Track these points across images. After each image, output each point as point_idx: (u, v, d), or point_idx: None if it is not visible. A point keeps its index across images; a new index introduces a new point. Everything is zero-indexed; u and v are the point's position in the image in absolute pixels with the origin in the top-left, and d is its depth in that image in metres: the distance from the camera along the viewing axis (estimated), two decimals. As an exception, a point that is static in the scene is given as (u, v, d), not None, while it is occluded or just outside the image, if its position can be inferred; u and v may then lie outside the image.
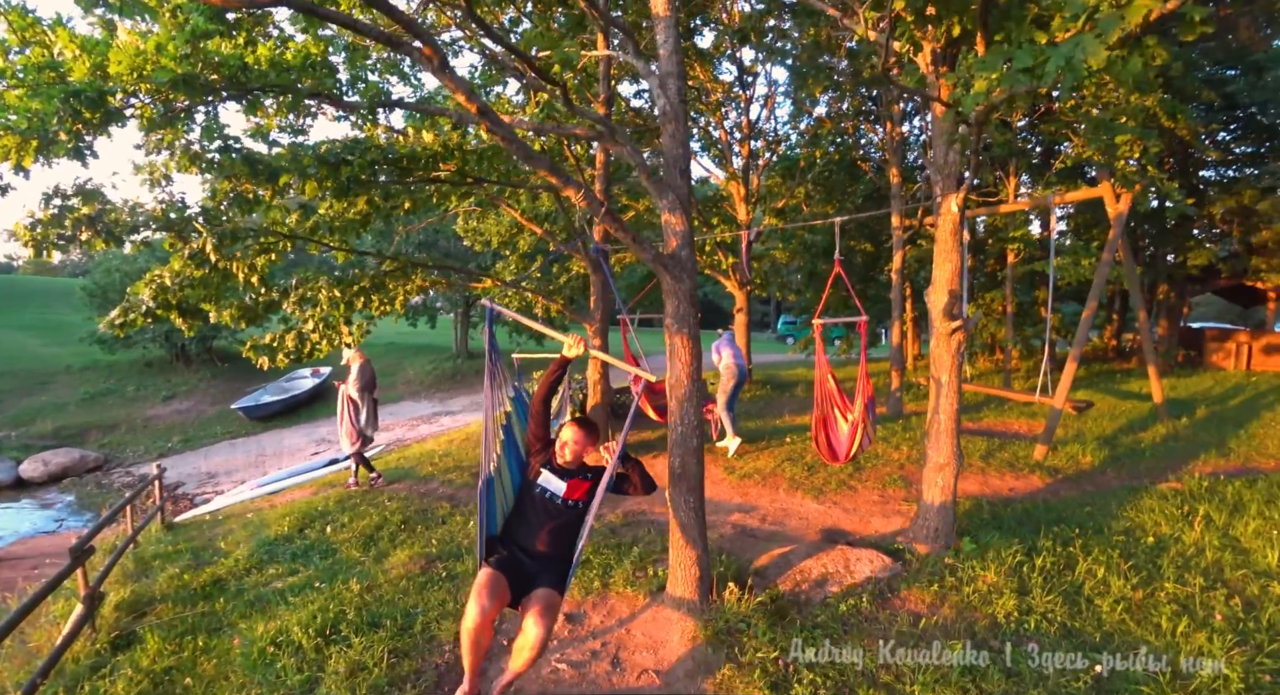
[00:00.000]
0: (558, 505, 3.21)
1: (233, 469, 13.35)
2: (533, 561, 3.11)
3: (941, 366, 4.90)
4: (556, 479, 3.25)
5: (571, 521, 3.22)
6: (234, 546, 5.89)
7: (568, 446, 3.29)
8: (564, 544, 3.18)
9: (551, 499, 3.22)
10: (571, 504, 3.23)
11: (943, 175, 4.87)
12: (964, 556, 4.66)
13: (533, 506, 3.23)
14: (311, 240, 6.53)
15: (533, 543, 3.15)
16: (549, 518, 3.18)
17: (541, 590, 2.97)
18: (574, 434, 3.30)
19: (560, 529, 3.18)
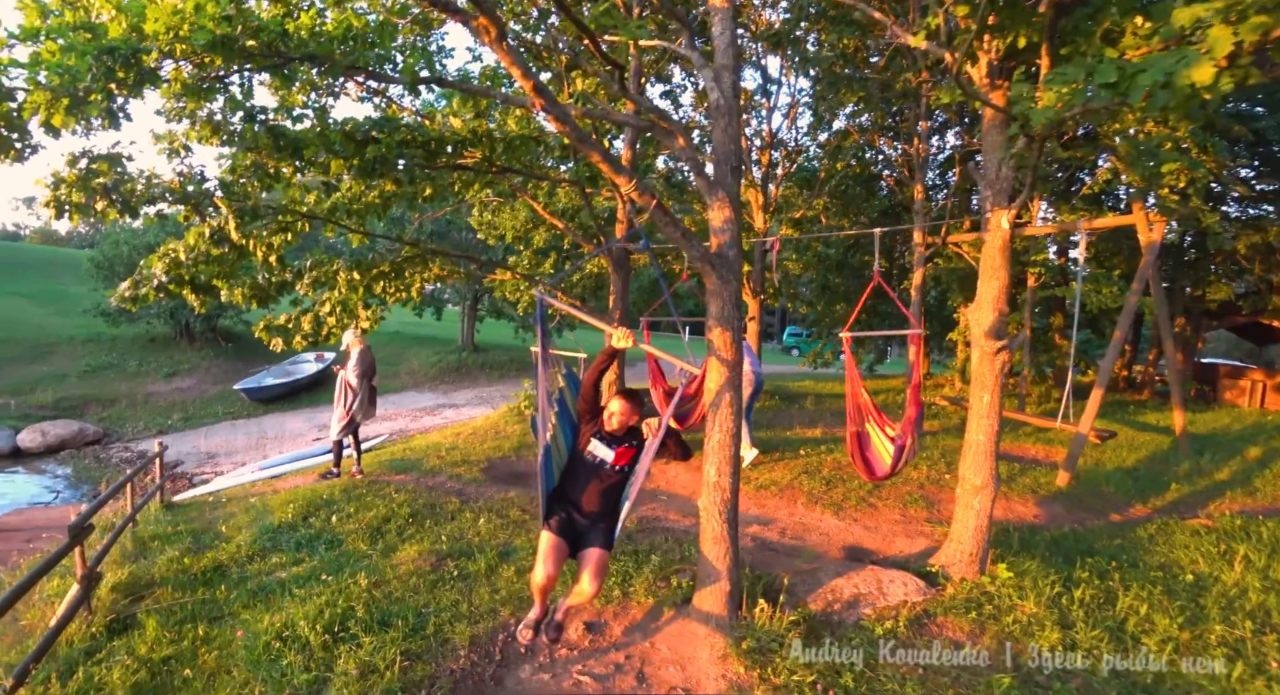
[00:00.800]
0: (607, 469, 3.59)
1: (233, 450, 13.11)
2: (585, 520, 3.57)
3: (983, 387, 4.70)
4: (605, 447, 3.59)
5: (619, 483, 3.62)
6: (235, 531, 5.67)
7: (615, 416, 3.58)
8: (613, 502, 3.62)
9: (601, 464, 3.59)
10: (619, 469, 3.60)
11: (993, 191, 4.68)
12: (1000, 584, 4.47)
13: (585, 470, 3.61)
14: (330, 221, 6.33)
15: (586, 502, 3.57)
16: (599, 481, 3.58)
17: (593, 550, 3.45)
18: (620, 405, 3.59)
19: (609, 490, 3.60)
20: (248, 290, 6.51)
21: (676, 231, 3.40)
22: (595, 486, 3.58)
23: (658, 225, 3.38)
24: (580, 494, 3.60)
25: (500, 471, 7.87)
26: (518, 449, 8.91)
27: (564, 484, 3.69)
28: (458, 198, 8.18)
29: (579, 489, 3.61)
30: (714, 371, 3.81)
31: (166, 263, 5.32)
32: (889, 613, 4.14)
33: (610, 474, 3.60)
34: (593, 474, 3.59)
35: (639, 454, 3.62)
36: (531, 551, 5.14)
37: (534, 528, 5.78)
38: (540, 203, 7.84)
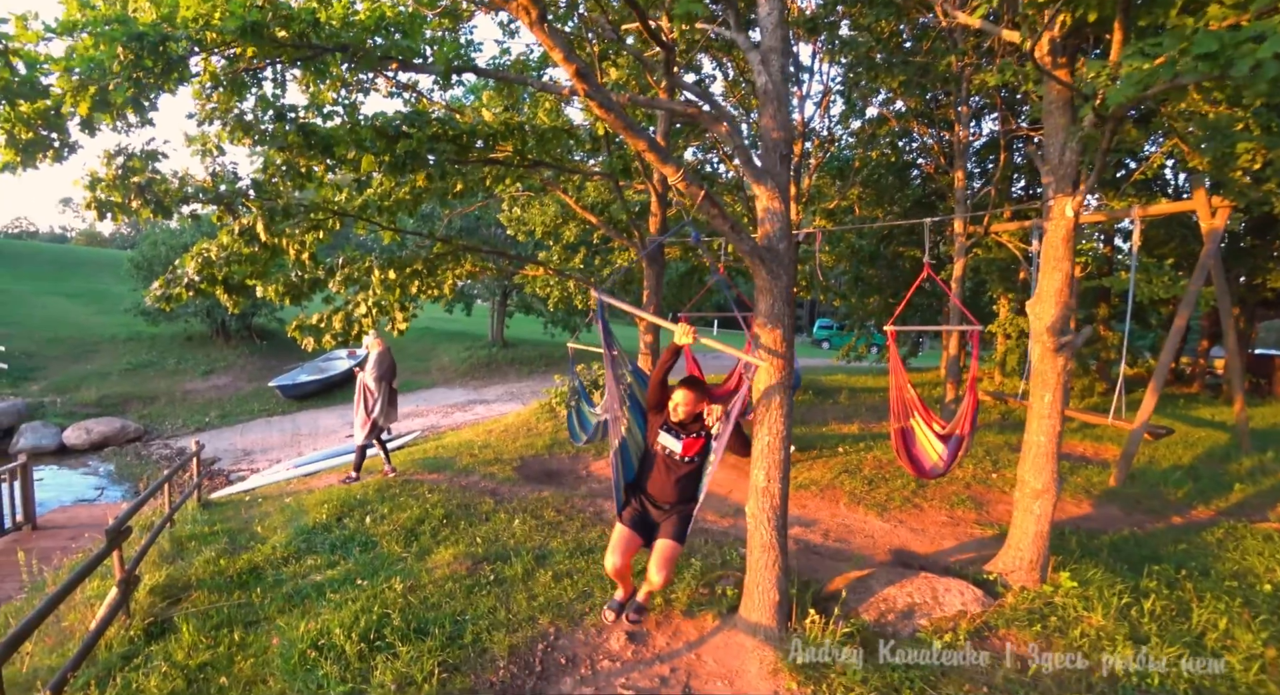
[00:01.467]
0: (677, 460, 3.62)
1: (268, 447, 13.24)
2: (658, 510, 3.64)
3: (1045, 384, 4.41)
4: (673, 439, 3.62)
5: (690, 473, 3.64)
6: (271, 532, 5.62)
7: (680, 407, 3.60)
8: (686, 493, 3.65)
9: (670, 456, 3.62)
10: (689, 459, 3.62)
11: (1056, 177, 4.37)
12: (1064, 594, 4.20)
13: (656, 463, 3.66)
14: (362, 218, 6.23)
15: (658, 494, 3.64)
16: (670, 472, 3.62)
17: (663, 541, 3.52)
18: (685, 395, 3.60)
19: (681, 481, 3.63)
20: (281, 287, 6.46)
21: (725, 224, 3.19)
22: (667, 478, 3.63)
23: (705, 217, 3.17)
24: (652, 485, 3.67)
25: (533, 470, 7.75)
26: (550, 447, 8.79)
27: (638, 476, 3.78)
28: (488, 193, 8.05)
29: (651, 480, 3.68)
30: (762, 371, 3.60)
31: (198, 262, 5.27)
32: (946, 624, 3.90)
33: (680, 465, 3.63)
34: (664, 466, 3.64)
35: (708, 444, 3.64)
36: (568, 554, 5.01)
37: (569, 529, 5.63)
38: (571, 197, 7.66)
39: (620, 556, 3.56)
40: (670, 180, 3.09)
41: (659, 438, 3.66)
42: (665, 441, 3.64)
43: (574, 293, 12.18)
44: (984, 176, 14.51)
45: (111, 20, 2.97)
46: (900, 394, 5.22)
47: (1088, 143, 4.06)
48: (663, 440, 3.65)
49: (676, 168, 3.11)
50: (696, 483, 3.66)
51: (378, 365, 7.06)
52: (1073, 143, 4.26)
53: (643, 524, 3.65)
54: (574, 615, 4.09)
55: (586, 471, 7.79)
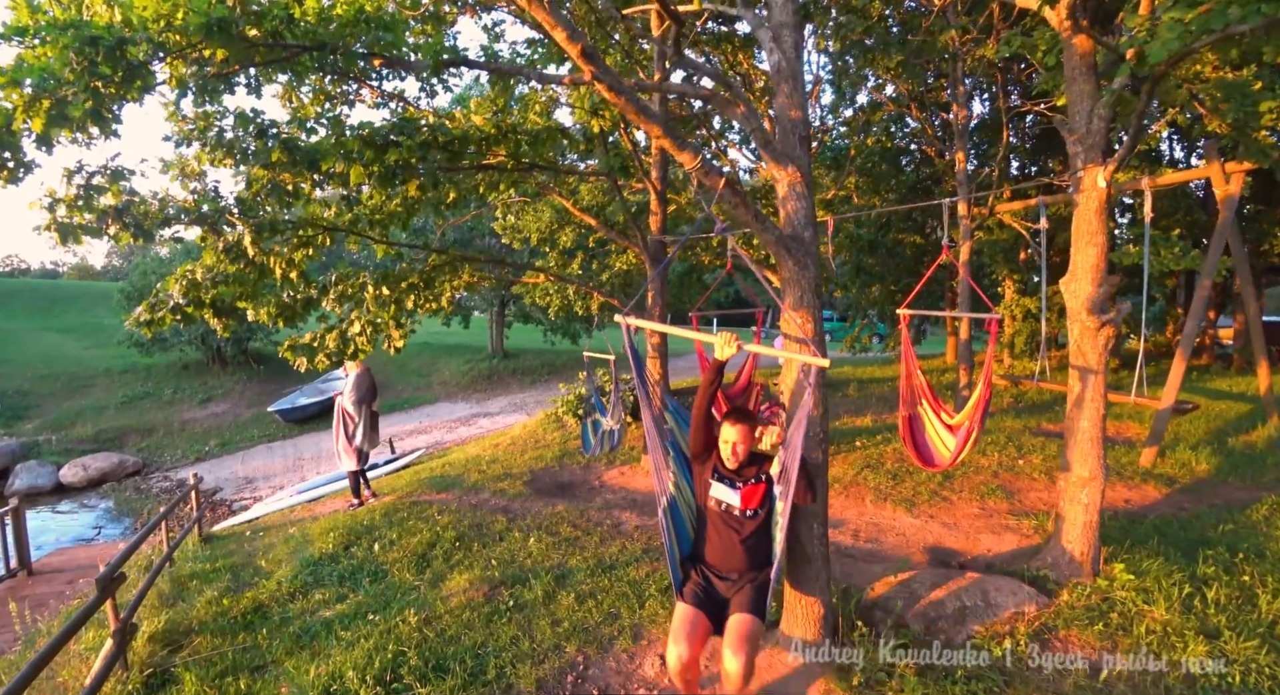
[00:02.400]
0: (737, 516, 2.95)
1: (270, 474, 12.92)
2: (726, 582, 2.93)
3: (1086, 367, 4.14)
4: (728, 489, 2.98)
5: (758, 531, 2.96)
6: (275, 565, 5.32)
7: (729, 445, 2.97)
8: (757, 556, 2.95)
9: (729, 512, 2.96)
10: (752, 513, 2.95)
11: (1084, 146, 4.10)
12: (1121, 587, 3.93)
13: (714, 523, 3.00)
14: (353, 232, 5.96)
15: (722, 562, 2.96)
16: (732, 531, 2.94)
17: (738, 617, 2.77)
18: (735, 431, 2.96)
19: (747, 540, 2.93)
20: (273, 309, 6.17)
21: (748, 212, 2.93)
22: (729, 539, 2.93)
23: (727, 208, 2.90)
24: (712, 552, 2.97)
25: (545, 483, 7.46)
26: (560, 458, 8.51)
27: (697, 541, 3.08)
28: (481, 202, 7.78)
29: (710, 546, 2.98)
30: (791, 368, 3.33)
31: (184, 284, 4.98)
32: (1002, 628, 3.63)
33: (743, 521, 2.94)
34: (724, 525, 2.95)
35: (769, 489, 2.98)
36: (589, 572, 4.72)
37: (588, 545, 5.35)
38: (568, 200, 7.39)
39: (687, 645, 2.71)
40: (688, 168, 2.82)
41: (711, 490, 2.98)
42: (719, 494, 2.96)
43: (574, 299, 11.89)
44: (979, 157, 14.29)
45: (64, 25, 2.69)
46: (910, 380, 4.92)
47: (1120, 106, 3.81)
48: (716, 493, 2.96)
49: (694, 154, 2.84)
50: (767, 541, 2.95)
51: (356, 387, 6.70)
52: (1100, 109, 4.01)
53: (709, 601, 2.87)
54: (602, 641, 3.81)
55: (600, 482, 7.51)
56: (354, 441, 6.74)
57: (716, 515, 2.97)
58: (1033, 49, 6.02)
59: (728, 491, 2.96)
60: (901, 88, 12.45)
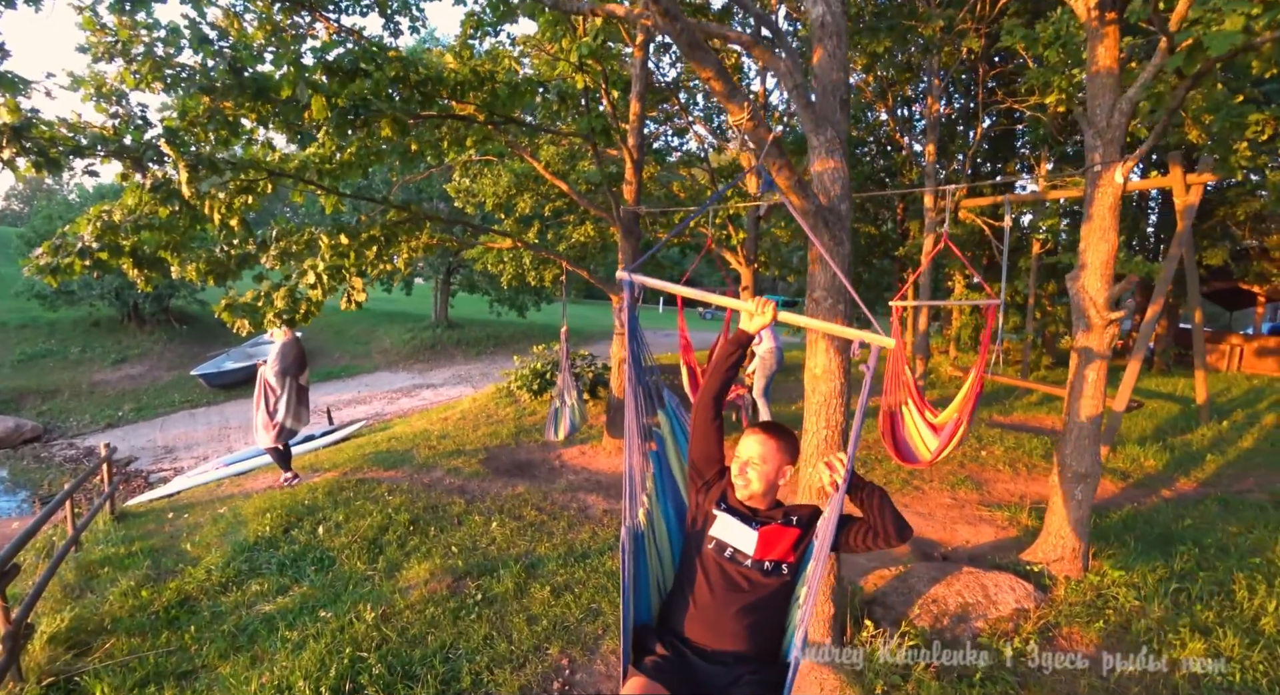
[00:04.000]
0: (746, 569, 1.87)
1: (193, 443, 11.82)
2: (714, 667, 1.84)
3: (1089, 363, 4.02)
4: (740, 526, 1.91)
5: (772, 603, 1.89)
6: (203, 550, 4.68)
7: (750, 470, 1.92)
8: (761, 638, 1.88)
9: (733, 559, 1.89)
10: (770, 568, 1.87)
11: (1103, 141, 3.93)
12: (1111, 583, 3.86)
13: (706, 574, 1.90)
14: (303, 181, 5.23)
15: (709, 636, 1.87)
16: (732, 590, 1.87)
17: None
18: (759, 448, 1.92)
19: (755, 610, 1.87)
20: (203, 265, 5.39)
21: (791, 177, 2.54)
22: (729, 603, 1.87)
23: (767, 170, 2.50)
24: (697, 620, 1.90)
25: (502, 462, 6.98)
26: (515, 435, 8.02)
27: (671, 604, 2.00)
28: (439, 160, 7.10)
29: (695, 610, 1.91)
30: (819, 356, 3.00)
31: (98, 226, 4.21)
32: (1005, 626, 3.47)
33: (754, 577, 1.87)
34: (721, 579, 1.89)
35: (804, 539, 1.92)
36: (560, 561, 4.33)
37: (555, 530, 4.96)
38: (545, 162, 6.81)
39: None
40: (732, 120, 2.42)
41: (713, 526, 1.95)
42: (724, 532, 1.92)
43: (528, 269, 11.29)
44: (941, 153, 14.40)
45: None
46: (897, 376, 4.66)
47: (1155, 102, 3.62)
48: (719, 531, 1.93)
49: (742, 105, 2.42)
50: (781, 615, 1.92)
51: (281, 357, 5.88)
52: (1123, 103, 3.83)
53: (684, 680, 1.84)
54: (586, 640, 3.44)
55: (560, 462, 7.09)
56: (275, 416, 5.93)
57: (713, 564, 1.90)
58: (1033, 42, 5.87)
59: (738, 529, 1.90)
60: (868, 78, 12.35)
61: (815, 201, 2.76)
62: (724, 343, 2.17)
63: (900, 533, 1.83)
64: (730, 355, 1.99)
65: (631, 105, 6.86)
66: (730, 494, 1.96)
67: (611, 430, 7.37)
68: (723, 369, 2.01)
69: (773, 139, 2.49)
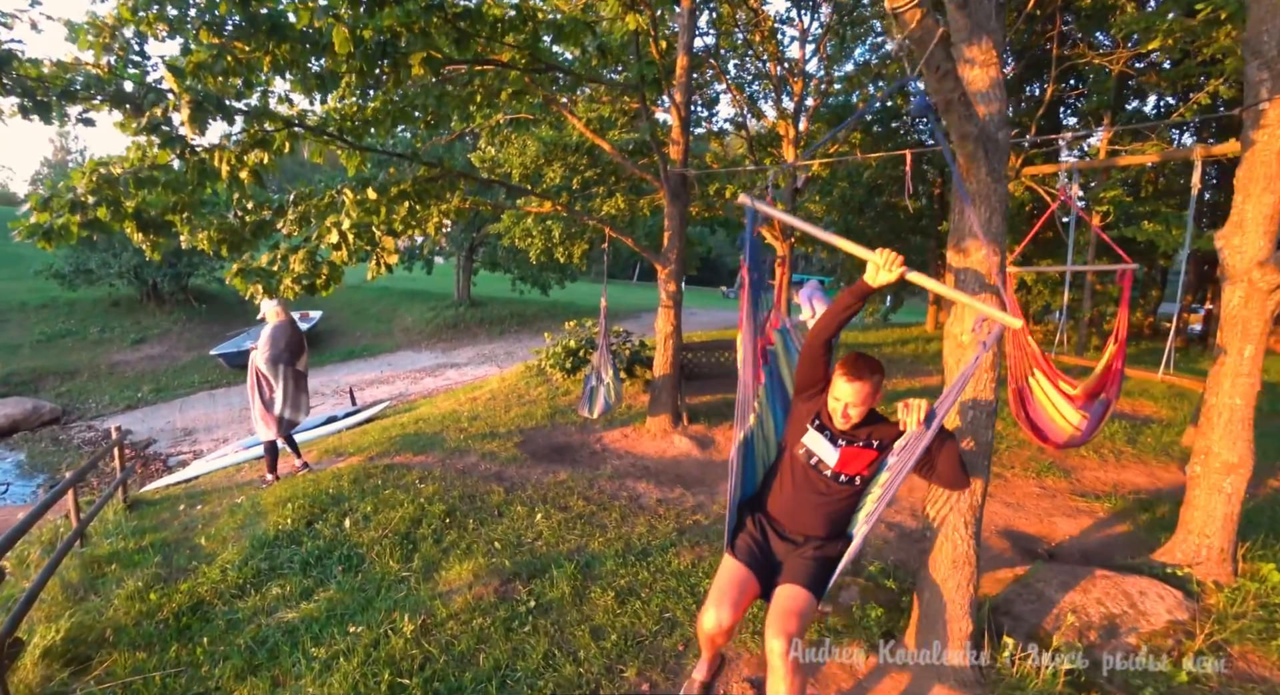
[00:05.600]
0: (825, 477, 2.26)
1: (213, 425, 11.41)
2: (786, 544, 2.31)
3: (1245, 336, 3.36)
4: (825, 443, 2.25)
5: (844, 503, 2.29)
6: (219, 545, 4.16)
7: (841, 406, 2.18)
8: (835, 527, 2.31)
9: (816, 467, 2.27)
10: (845, 480, 2.26)
11: (1272, 72, 3.24)
12: (1272, 589, 3.24)
13: (793, 472, 2.32)
14: (323, 135, 4.62)
15: (789, 519, 2.33)
16: (813, 492, 2.28)
17: (789, 589, 2.16)
18: (851, 391, 2.15)
19: (827, 509, 2.28)
20: (215, 233, 4.83)
21: (956, 89, 1.91)
22: (806, 499, 2.28)
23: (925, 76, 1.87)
24: (781, 504, 2.33)
25: (539, 445, 6.43)
26: (551, 416, 7.46)
27: (766, 484, 2.42)
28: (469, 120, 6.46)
29: (780, 495, 2.34)
30: (967, 319, 2.37)
31: (94, 179, 3.64)
32: (1164, 642, 2.89)
33: (830, 486, 2.26)
34: (804, 481, 2.28)
35: (880, 460, 2.25)
36: (619, 559, 3.77)
37: (608, 522, 4.40)
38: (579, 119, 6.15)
39: (730, 610, 2.15)
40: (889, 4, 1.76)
41: (805, 436, 2.28)
42: (813, 444, 2.27)
43: (557, 242, 10.66)
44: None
45: None
46: (1020, 349, 4.08)
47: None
48: (809, 442, 2.27)
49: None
50: (849, 508, 2.31)
51: (272, 342, 5.23)
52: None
53: (763, 560, 2.28)
54: (665, 659, 2.88)
55: (602, 446, 6.53)
56: (273, 409, 5.29)
57: (801, 466, 2.29)
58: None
59: (824, 445, 2.24)
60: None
61: (979, 124, 2.11)
62: (843, 294, 2.17)
63: (955, 484, 2.27)
64: (847, 307, 2.15)
65: (679, 59, 6.17)
66: (824, 411, 2.26)
67: (654, 410, 6.79)
68: (838, 319, 2.19)
69: (941, 35, 1.85)
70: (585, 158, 9.99)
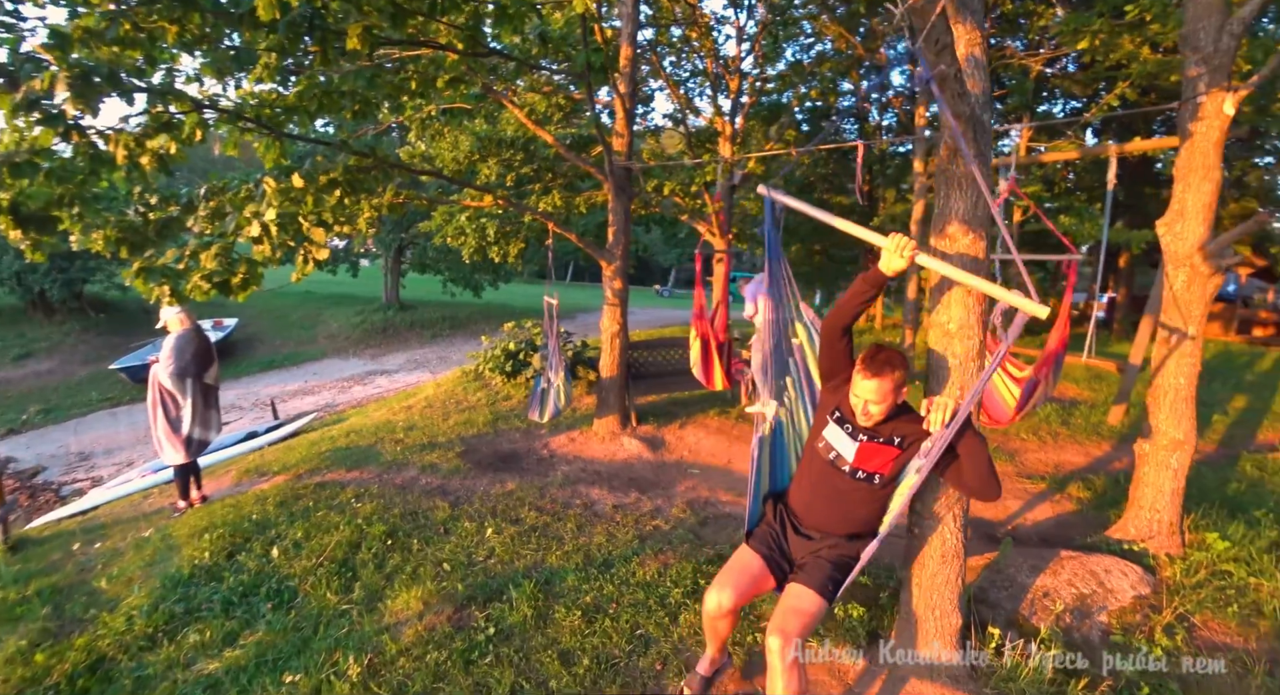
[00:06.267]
0: (843, 473, 2.18)
1: (115, 447, 10.29)
2: (802, 539, 2.25)
3: (1188, 316, 3.46)
4: (843, 437, 2.18)
5: (861, 501, 2.18)
6: (123, 587, 3.63)
7: (861, 404, 2.09)
8: (849, 527, 2.21)
9: (835, 463, 2.20)
10: (864, 477, 2.16)
11: (1209, 67, 3.37)
12: (1219, 557, 3.36)
13: (813, 467, 2.27)
14: (239, 119, 4.12)
15: (806, 512, 2.27)
16: (831, 488, 2.21)
17: (798, 589, 2.09)
18: (870, 388, 2.04)
19: (845, 506, 2.19)
20: (113, 232, 4.23)
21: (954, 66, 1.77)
22: (825, 495, 2.22)
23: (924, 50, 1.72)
24: (801, 496, 2.30)
25: (483, 454, 6.06)
26: (493, 422, 7.09)
27: (795, 477, 2.41)
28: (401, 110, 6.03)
29: (799, 488, 2.32)
30: (953, 308, 2.26)
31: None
32: (1133, 618, 2.93)
33: (847, 481, 2.18)
34: (821, 473, 2.23)
35: (904, 458, 2.16)
36: (581, 574, 3.52)
37: (564, 534, 4.14)
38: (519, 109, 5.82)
39: (733, 593, 2.15)
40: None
41: (825, 429, 2.23)
42: (832, 437, 2.21)
43: (492, 241, 10.23)
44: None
45: None
46: None
47: None
48: (828, 435, 2.22)
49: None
50: (874, 513, 2.22)
51: (176, 354, 4.61)
52: (1234, 25, 3.27)
53: (779, 554, 2.26)
54: (644, 679, 2.67)
55: (549, 451, 6.23)
56: (180, 429, 4.67)
57: (820, 461, 2.23)
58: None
59: (842, 439, 2.17)
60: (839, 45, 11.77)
61: (971, 101, 2.00)
62: (858, 281, 2.08)
63: (984, 492, 2.03)
64: (860, 294, 2.06)
65: (623, 50, 5.95)
66: (845, 404, 2.17)
67: (602, 412, 6.54)
68: (853, 306, 2.10)
69: (942, 8, 1.70)
70: (520, 153, 9.62)
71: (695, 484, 5.30)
